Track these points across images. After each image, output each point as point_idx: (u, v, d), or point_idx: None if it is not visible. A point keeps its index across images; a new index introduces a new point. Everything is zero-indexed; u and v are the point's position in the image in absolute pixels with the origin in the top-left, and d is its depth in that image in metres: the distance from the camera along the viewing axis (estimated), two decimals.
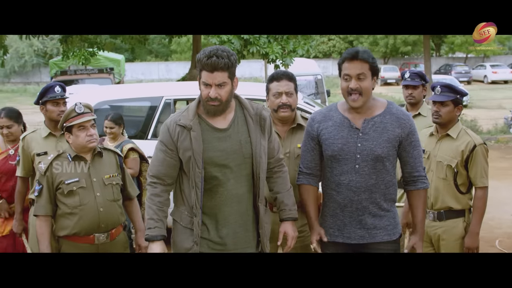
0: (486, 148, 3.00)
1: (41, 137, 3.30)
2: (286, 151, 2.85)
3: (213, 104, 2.29)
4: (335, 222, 2.45)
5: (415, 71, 3.68)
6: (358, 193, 2.37)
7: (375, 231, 2.40)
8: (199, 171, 2.30)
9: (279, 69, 3.03)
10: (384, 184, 2.38)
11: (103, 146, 2.90)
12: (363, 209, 2.38)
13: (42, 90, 3.31)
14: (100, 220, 2.76)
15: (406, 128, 2.37)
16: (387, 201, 2.42)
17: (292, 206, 2.56)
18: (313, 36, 8.19)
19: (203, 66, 2.25)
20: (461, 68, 27.64)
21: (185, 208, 2.38)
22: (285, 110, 2.80)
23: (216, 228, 2.37)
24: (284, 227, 2.54)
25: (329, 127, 2.43)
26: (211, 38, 6.57)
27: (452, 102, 3.00)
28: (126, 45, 12.00)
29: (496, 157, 8.71)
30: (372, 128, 2.35)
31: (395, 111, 2.39)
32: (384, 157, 2.34)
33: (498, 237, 5.00)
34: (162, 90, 4.84)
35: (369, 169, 2.34)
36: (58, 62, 15.93)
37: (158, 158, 2.39)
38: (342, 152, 2.37)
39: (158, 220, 2.35)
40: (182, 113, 2.36)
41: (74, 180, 2.74)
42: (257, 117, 2.40)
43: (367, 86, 2.31)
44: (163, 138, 2.36)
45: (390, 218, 2.43)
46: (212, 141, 2.33)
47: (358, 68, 2.29)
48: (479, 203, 2.96)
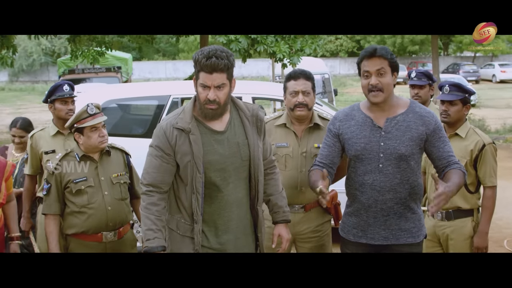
0: (495, 147, 2.98)
1: (49, 135, 3.32)
2: (303, 151, 2.84)
3: (211, 108, 2.20)
4: (358, 223, 2.42)
5: (421, 70, 3.67)
6: (383, 192, 2.33)
7: (399, 233, 2.36)
8: (200, 176, 2.20)
9: (297, 67, 3.02)
10: (409, 183, 2.34)
11: (111, 144, 2.91)
12: (388, 209, 2.34)
13: (51, 89, 3.33)
14: (108, 218, 2.78)
15: (430, 124, 2.33)
16: (413, 201, 2.38)
17: (285, 208, 2.52)
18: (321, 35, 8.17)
19: (201, 67, 2.16)
20: (469, 67, 27.32)
21: (182, 216, 2.27)
22: (301, 109, 2.79)
23: (215, 235, 2.29)
24: (278, 229, 2.50)
25: (352, 126, 2.40)
26: (218, 37, 6.57)
27: (461, 101, 2.98)
28: (134, 44, 12.04)
29: (505, 157, 8.64)
30: (395, 127, 2.33)
31: (418, 109, 2.36)
32: (408, 156, 2.30)
33: (507, 237, 4.96)
34: (170, 89, 4.85)
35: (393, 168, 2.31)
36: (66, 61, 16.00)
37: (153, 165, 2.25)
38: (365, 151, 2.34)
39: (157, 231, 2.20)
40: (178, 116, 2.25)
41: (82, 179, 2.75)
42: (253, 118, 2.33)
43: (387, 82, 2.29)
44: (159, 143, 2.24)
45: (416, 220, 2.39)
46: (211, 144, 2.24)
47: (377, 64, 2.27)
48: (488, 203, 2.94)
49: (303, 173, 2.80)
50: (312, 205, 2.89)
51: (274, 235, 2.50)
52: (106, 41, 10.78)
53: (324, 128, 2.88)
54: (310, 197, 2.84)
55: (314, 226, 2.91)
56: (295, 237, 2.91)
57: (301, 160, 2.82)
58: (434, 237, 3.07)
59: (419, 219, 2.40)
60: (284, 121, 2.91)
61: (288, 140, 2.87)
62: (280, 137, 2.89)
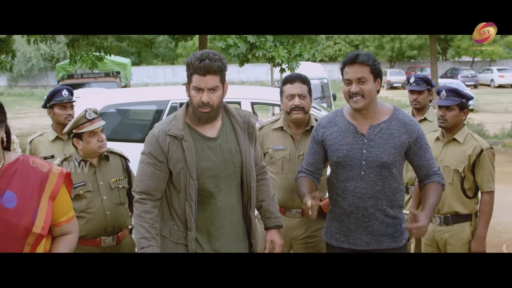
0: (493, 152, 2.99)
1: (48, 141, 3.32)
2: (300, 154, 2.84)
3: (205, 111, 2.19)
4: (341, 228, 2.43)
5: (420, 76, 3.68)
6: (364, 199, 2.34)
7: (381, 238, 2.38)
8: (193, 183, 2.19)
9: (294, 72, 3.04)
10: (391, 190, 2.36)
11: (109, 149, 2.91)
12: (369, 215, 2.36)
13: (50, 94, 3.33)
14: (107, 223, 2.77)
15: (413, 133, 2.33)
16: (394, 207, 2.39)
17: (277, 213, 2.52)
18: (319, 40, 8.19)
19: (195, 70, 2.15)
20: (468, 72, 27.42)
21: (175, 223, 2.26)
22: (297, 112, 2.80)
23: (209, 242, 2.28)
24: (270, 235, 2.50)
25: (334, 132, 2.40)
26: (217, 42, 6.57)
27: (458, 106, 2.99)
28: (133, 48, 12.05)
29: (503, 162, 8.64)
30: (378, 134, 2.33)
31: (402, 117, 2.37)
32: (390, 164, 2.31)
33: (505, 242, 4.96)
34: (168, 94, 4.86)
35: (374, 175, 2.32)
36: (65, 66, 16.02)
37: (145, 172, 2.24)
38: (347, 158, 2.35)
39: (151, 239, 2.19)
40: (171, 123, 2.23)
41: (81, 184, 2.75)
42: (245, 124, 2.33)
43: (368, 89, 2.28)
44: (152, 150, 2.22)
45: (397, 225, 2.40)
46: (203, 151, 2.23)
47: (358, 72, 2.27)
48: (486, 208, 2.95)
49: None
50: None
51: (267, 241, 2.50)
52: (105, 46, 10.77)
53: None
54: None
55: (311, 231, 2.91)
56: (292, 242, 2.91)
57: (298, 163, 2.82)
58: (433, 242, 3.07)
59: (400, 223, 2.41)
60: (281, 124, 2.92)
61: (285, 143, 2.88)
62: (277, 140, 2.90)
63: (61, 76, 14.36)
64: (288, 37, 7.15)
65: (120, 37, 10.74)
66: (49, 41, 8.21)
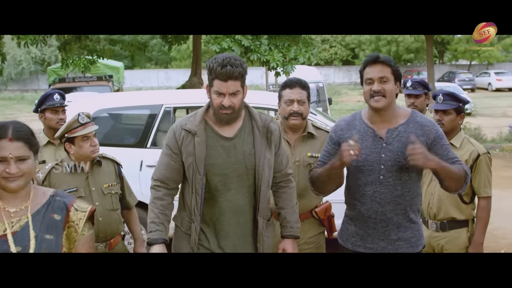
0: (489, 157, 2.98)
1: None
2: (296, 160, 2.82)
3: (226, 113, 2.26)
4: (357, 232, 2.40)
5: (417, 79, 3.67)
6: (383, 204, 2.30)
7: (398, 243, 2.34)
8: (199, 177, 2.28)
9: (292, 76, 3.02)
10: (410, 194, 2.32)
11: (101, 155, 2.87)
12: (388, 220, 2.32)
13: (41, 98, 3.29)
14: (99, 229, 2.73)
15: (431, 134, 2.30)
16: (413, 212, 2.36)
17: (294, 223, 2.51)
18: (314, 43, 8.18)
19: (216, 75, 2.21)
20: (465, 75, 27.26)
21: (186, 214, 2.37)
22: (295, 118, 2.79)
23: (215, 237, 2.35)
24: (284, 244, 2.49)
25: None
26: (211, 45, 6.53)
27: (455, 111, 2.98)
28: (126, 52, 12.02)
29: (501, 166, 8.57)
30: (396, 138, 2.30)
31: (419, 119, 2.34)
32: (409, 167, 2.27)
33: (503, 248, 4.93)
34: (162, 98, 4.81)
35: (394, 180, 2.28)
36: (57, 69, 15.94)
37: (163, 162, 2.39)
38: (366, 162, 2.30)
39: (159, 224, 2.32)
40: (189, 118, 2.35)
41: (72, 190, 2.70)
42: (264, 129, 2.36)
43: (390, 89, 2.26)
44: (169, 142, 2.36)
45: (415, 230, 2.36)
46: (216, 148, 2.31)
47: (380, 71, 2.26)
48: (483, 213, 2.93)
49: (296, 182, 2.78)
50: (306, 215, 2.87)
51: (279, 249, 2.49)
52: (97, 49, 10.72)
53: (318, 137, 2.86)
54: (303, 207, 2.82)
55: (308, 238, 2.88)
56: None
57: (293, 170, 2.80)
58: (429, 248, 3.05)
59: (418, 228, 2.38)
60: None
61: None
62: None
63: (52, 80, 14.28)
64: (283, 41, 7.13)
65: (113, 40, 10.70)
66: (40, 44, 8.13)
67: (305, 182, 2.78)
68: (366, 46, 30.65)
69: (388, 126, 2.32)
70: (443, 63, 34.30)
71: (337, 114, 14.60)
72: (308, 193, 2.81)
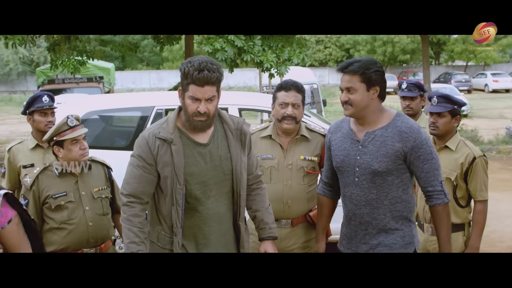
0: (486, 160, 2.96)
1: (28, 149, 3.22)
2: (289, 163, 2.79)
3: (201, 120, 2.18)
4: (346, 234, 2.45)
5: (412, 81, 3.63)
6: (359, 206, 2.33)
7: (379, 248, 2.32)
8: (180, 187, 2.17)
9: (289, 78, 2.99)
10: (389, 199, 2.29)
11: (91, 158, 2.82)
12: (366, 223, 2.33)
13: (29, 100, 3.25)
14: (89, 234, 2.70)
15: (408, 141, 2.25)
16: (394, 218, 2.32)
17: (272, 224, 2.47)
18: (309, 44, 8.15)
19: (193, 80, 2.12)
20: (461, 76, 27.00)
21: (162, 228, 2.24)
22: (289, 122, 2.75)
23: (196, 249, 2.26)
24: (264, 246, 2.45)
25: (337, 138, 2.43)
26: (203, 46, 6.47)
27: (450, 113, 2.95)
28: (116, 53, 11.92)
29: (498, 168, 8.50)
30: (371, 141, 2.29)
31: (400, 123, 2.30)
32: (383, 172, 2.25)
33: (501, 251, 4.91)
34: (153, 100, 4.76)
35: (367, 183, 2.29)
36: (46, 71, 15.75)
37: (134, 175, 2.22)
38: (343, 164, 2.36)
39: (140, 243, 2.18)
40: (161, 126, 2.23)
41: (62, 194, 2.67)
42: (237, 131, 2.31)
43: (357, 99, 2.26)
44: (141, 152, 2.20)
45: (398, 237, 2.32)
46: (193, 156, 2.22)
47: (347, 81, 2.28)
48: (479, 217, 2.91)
49: (289, 186, 2.77)
50: (300, 220, 2.83)
51: (260, 251, 2.44)
52: (87, 50, 10.60)
53: (311, 140, 2.83)
54: (297, 211, 2.79)
55: (302, 242, 2.84)
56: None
57: (286, 173, 2.78)
58: (425, 251, 3.02)
59: (402, 235, 2.32)
60: (270, 132, 2.87)
61: (274, 152, 2.83)
62: (266, 149, 2.84)
63: (41, 81, 14.10)
64: (277, 41, 7.10)
65: (104, 41, 10.59)
66: (29, 44, 8.01)
67: (298, 186, 2.75)
68: (361, 47, 30.37)
69: (368, 129, 2.33)
70: (439, 64, 34.25)
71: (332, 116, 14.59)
72: (302, 197, 2.79)
